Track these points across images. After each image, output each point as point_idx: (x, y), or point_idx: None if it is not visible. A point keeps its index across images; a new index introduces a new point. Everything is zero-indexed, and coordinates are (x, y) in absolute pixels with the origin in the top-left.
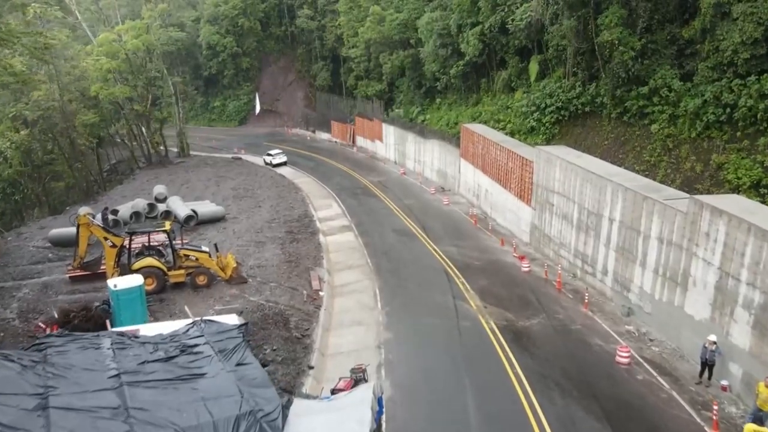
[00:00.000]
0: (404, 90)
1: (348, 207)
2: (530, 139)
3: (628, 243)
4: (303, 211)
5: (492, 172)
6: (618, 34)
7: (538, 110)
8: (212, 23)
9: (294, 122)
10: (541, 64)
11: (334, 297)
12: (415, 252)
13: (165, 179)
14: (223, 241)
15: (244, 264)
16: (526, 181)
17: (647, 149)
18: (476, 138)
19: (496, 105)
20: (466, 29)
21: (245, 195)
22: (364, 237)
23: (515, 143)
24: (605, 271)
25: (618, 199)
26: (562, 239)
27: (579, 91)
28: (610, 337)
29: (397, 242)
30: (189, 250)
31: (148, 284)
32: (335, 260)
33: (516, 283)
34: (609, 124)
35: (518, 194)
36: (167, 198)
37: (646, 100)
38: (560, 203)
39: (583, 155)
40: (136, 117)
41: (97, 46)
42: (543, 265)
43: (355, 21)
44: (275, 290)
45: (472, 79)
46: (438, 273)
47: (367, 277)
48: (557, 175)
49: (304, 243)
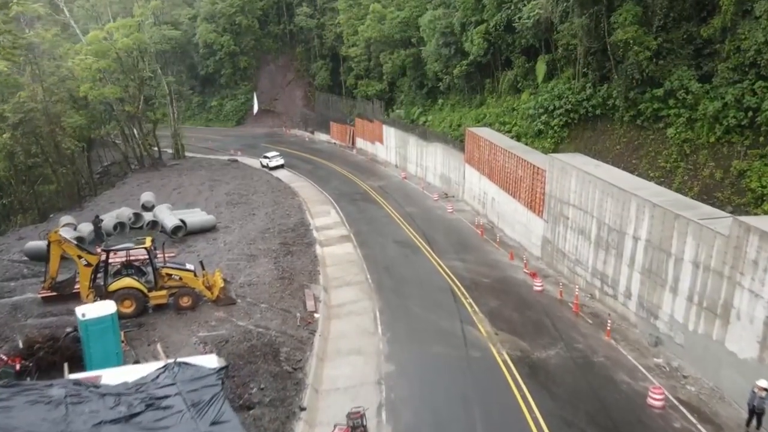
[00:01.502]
0: (405, 90)
1: (347, 214)
2: (537, 143)
3: (656, 265)
4: (299, 218)
5: (499, 179)
6: (633, 33)
7: (546, 113)
8: (209, 21)
9: (292, 123)
10: (548, 65)
11: (331, 319)
12: (418, 267)
13: (156, 183)
14: (212, 255)
15: (233, 281)
16: (538, 191)
17: (662, 155)
18: (482, 143)
19: (501, 107)
20: (470, 28)
21: (239, 201)
22: (363, 248)
23: (525, 149)
24: (628, 294)
25: (644, 216)
26: (578, 256)
27: (589, 92)
28: (638, 373)
29: (398, 255)
30: (172, 268)
31: (126, 307)
32: (332, 275)
33: (528, 305)
34: (621, 127)
35: (528, 205)
36: (155, 206)
37: (661, 103)
38: (576, 217)
39: (602, 165)
40: (127, 118)
41: (86, 45)
42: (557, 283)
43: (355, 19)
44: (266, 313)
45: (476, 79)
46: (443, 292)
47: (366, 295)
48: (573, 186)
49: (300, 256)
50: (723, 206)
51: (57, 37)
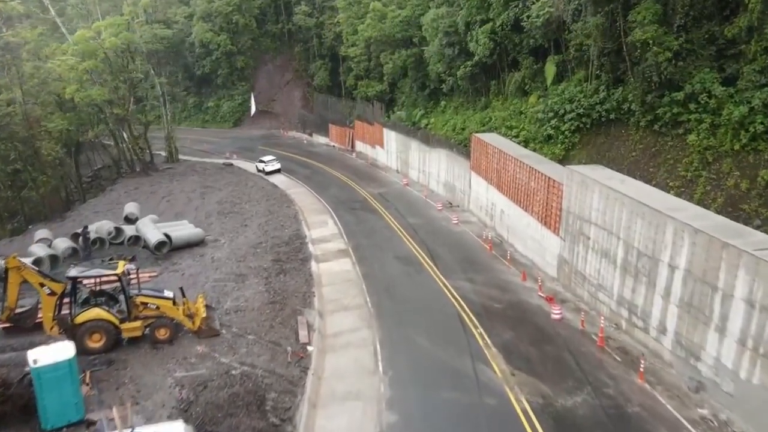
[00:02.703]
0: (406, 91)
1: (345, 225)
2: (546, 149)
3: (698, 299)
4: (295, 230)
5: (509, 190)
6: (653, 33)
7: (556, 117)
8: (206, 20)
9: (290, 124)
10: (558, 66)
11: (326, 353)
12: (422, 288)
13: (146, 190)
14: (198, 274)
15: (219, 307)
16: (553, 206)
17: (682, 163)
18: (490, 150)
19: (508, 110)
20: (475, 27)
21: (231, 210)
22: (362, 265)
23: (538, 159)
24: (662, 329)
25: (684, 243)
26: (600, 280)
27: (603, 96)
28: (682, 429)
29: (400, 273)
30: (148, 296)
31: (95, 341)
32: (329, 297)
33: (547, 337)
34: (637, 133)
35: (542, 220)
36: (138, 219)
37: (680, 107)
38: (599, 237)
39: (627, 179)
40: (116, 121)
41: (72, 45)
42: (577, 309)
43: (355, 18)
44: (253, 347)
45: (481, 80)
46: (451, 320)
47: (365, 323)
48: (595, 203)
49: (294, 275)
50: (750, 219)
51: (42, 37)
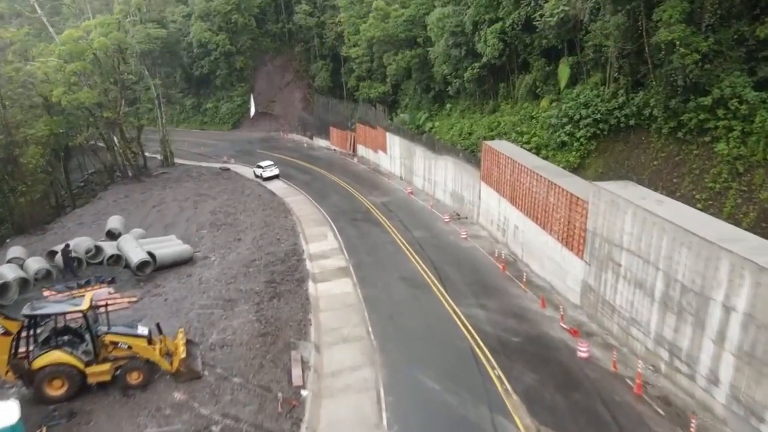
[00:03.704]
0: (410, 93)
1: (346, 239)
2: (560, 157)
3: (762, 350)
4: (292, 245)
5: (524, 205)
6: (680, 33)
7: (570, 122)
8: (204, 19)
9: (290, 127)
10: (572, 68)
11: (322, 398)
12: (430, 316)
13: (136, 199)
14: (182, 299)
15: (203, 341)
16: (577, 226)
17: (710, 173)
18: (503, 160)
19: (518, 114)
20: (484, 27)
21: (225, 222)
22: (364, 287)
23: (557, 172)
24: (714, 380)
25: (744, 282)
26: (634, 314)
27: (622, 100)
28: None
29: (406, 297)
30: (118, 334)
31: (55, 388)
32: (326, 326)
33: (575, 381)
34: (659, 140)
35: (563, 240)
36: (121, 234)
37: (707, 113)
38: (632, 265)
39: (666, 200)
40: (107, 125)
41: (59, 45)
42: (606, 346)
43: (357, 17)
44: (239, 393)
45: (489, 83)
46: (464, 357)
47: (367, 359)
48: (628, 226)
49: (288, 299)
50: None
51: (29, 37)
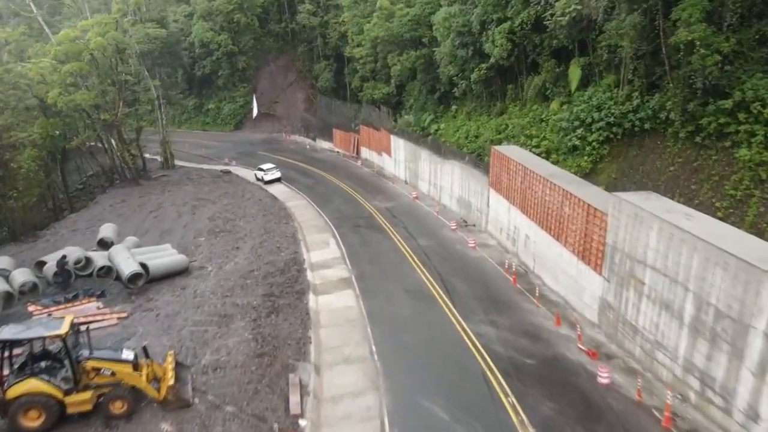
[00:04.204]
0: (415, 95)
1: (348, 247)
2: (571, 161)
3: None
4: (292, 253)
5: (536, 214)
6: (701, 33)
7: (582, 126)
8: (206, 19)
9: (293, 128)
10: (584, 69)
11: (321, 427)
12: (437, 334)
13: (133, 203)
14: (175, 314)
15: (194, 364)
16: (594, 239)
17: (730, 180)
18: (513, 166)
19: (527, 117)
20: (491, 26)
21: (224, 228)
22: (367, 300)
23: (572, 180)
24: (754, 414)
25: None
26: (659, 337)
27: (636, 103)
28: None
29: (411, 312)
30: (101, 360)
31: (31, 419)
32: (327, 343)
33: (597, 412)
34: (675, 145)
35: (579, 253)
36: (113, 243)
37: (728, 117)
38: (657, 283)
39: (695, 215)
40: (104, 127)
41: (55, 45)
42: (628, 370)
43: (361, 17)
44: (231, 424)
45: (497, 84)
46: (474, 382)
47: (371, 382)
48: (653, 241)
49: (287, 313)
50: None
51: (24, 36)
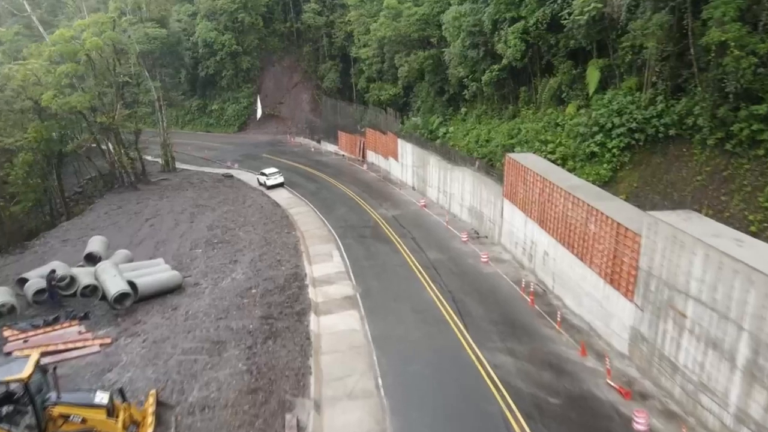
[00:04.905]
0: (422, 96)
1: (353, 260)
2: (589, 169)
3: None
4: (293, 267)
5: (556, 230)
6: (735, 33)
7: (601, 131)
8: (209, 19)
9: (298, 129)
10: (603, 71)
11: None
12: (449, 364)
13: (129, 211)
14: (164, 340)
15: (180, 402)
16: (625, 261)
17: (764, 191)
18: (530, 177)
19: (541, 121)
20: (504, 26)
21: (222, 239)
22: (373, 322)
23: (598, 194)
24: None
25: None
26: (704, 378)
27: (661, 108)
28: None
29: (421, 338)
30: (70, 405)
31: None
32: (329, 374)
33: None
34: (703, 153)
35: (606, 276)
36: (101, 258)
37: (762, 123)
38: (702, 318)
39: (747, 239)
40: (101, 130)
41: (50, 45)
42: (668, 414)
43: (367, 16)
44: None
45: (509, 86)
46: (493, 427)
47: (376, 424)
48: (697, 269)
49: (286, 339)
50: None
51: (18, 36)
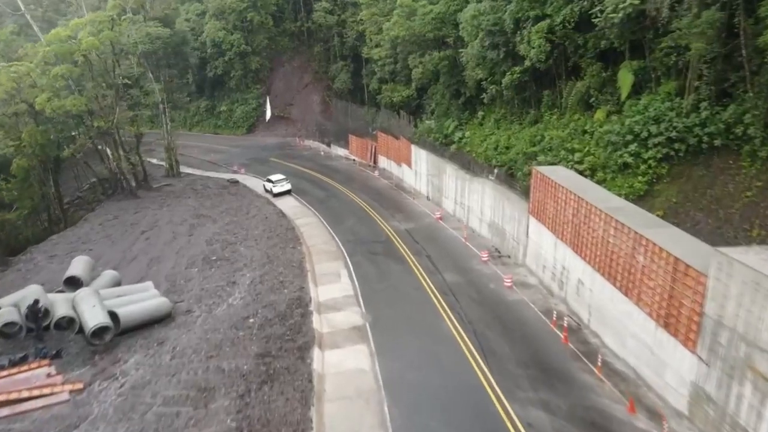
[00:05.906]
0: (437, 99)
1: (363, 281)
2: (621, 181)
3: None
4: (297, 290)
5: (594, 257)
6: None
7: (635, 140)
8: (218, 18)
9: (307, 132)
10: (637, 74)
11: None
12: (474, 421)
13: (125, 221)
14: (141, 387)
15: None
16: (685, 304)
17: None
18: (561, 194)
19: (567, 128)
20: (527, 25)
21: (221, 256)
22: (384, 360)
23: (645, 219)
24: None
25: None
26: None
27: (706, 115)
28: None
29: (440, 383)
30: None
31: None
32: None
33: None
34: (753, 165)
35: (659, 317)
36: (83, 283)
37: None
38: None
39: None
40: (99, 134)
41: (44, 45)
42: None
43: (380, 15)
44: None
45: (531, 90)
46: None
47: None
48: None
49: (284, 384)
50: None
51: (13, 36)
